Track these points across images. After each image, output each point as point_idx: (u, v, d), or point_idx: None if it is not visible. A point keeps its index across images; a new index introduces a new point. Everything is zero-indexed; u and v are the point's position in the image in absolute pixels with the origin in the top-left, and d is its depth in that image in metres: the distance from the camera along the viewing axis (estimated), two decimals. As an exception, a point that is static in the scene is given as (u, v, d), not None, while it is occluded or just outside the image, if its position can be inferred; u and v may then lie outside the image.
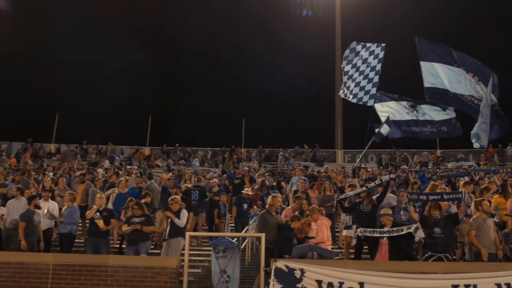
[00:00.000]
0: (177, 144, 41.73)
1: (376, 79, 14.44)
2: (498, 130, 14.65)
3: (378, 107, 16.83)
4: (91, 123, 50.07)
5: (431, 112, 15.98)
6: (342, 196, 13.37)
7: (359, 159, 19.42)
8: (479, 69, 14.70)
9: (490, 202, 11.73)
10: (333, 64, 45.58)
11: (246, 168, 28.83)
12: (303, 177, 18.98)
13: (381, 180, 13.30)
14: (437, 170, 23.29)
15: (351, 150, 40.37)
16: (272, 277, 9.60)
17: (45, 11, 54.46)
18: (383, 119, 16.35)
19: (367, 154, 37.83)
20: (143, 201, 14.39)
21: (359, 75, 14.91)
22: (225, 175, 24.26)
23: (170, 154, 40.26)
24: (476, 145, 14.78)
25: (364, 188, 13.15)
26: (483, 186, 12.86)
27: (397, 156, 36.68)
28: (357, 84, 14.79)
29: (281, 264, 9.68)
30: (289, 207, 14.20)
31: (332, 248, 12.44)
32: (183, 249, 10.86)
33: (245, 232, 14.91)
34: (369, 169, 23.98)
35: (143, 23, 56.98)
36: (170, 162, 35.06)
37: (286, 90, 55.23)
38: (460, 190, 13.29)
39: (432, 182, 14.44)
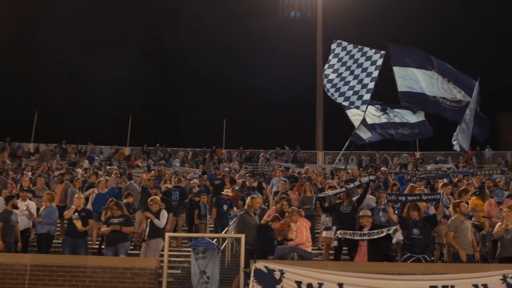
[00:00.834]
0: (157, 145, 41.59)
1: (371, 85, 14.42)
2: (479, 132, 14.83)
3: (349, 112, 17.01)
4: (71, 122, 49.73)
5: (401, 115, 16.16)
6: (321, 195, 13.42)
7: (337, 159, 19.52)
8: (457, 76, 14.86)
9: (468, 204, 11.87)
10: (314, 66, 45.77)
11: (226, 169, 28.81)
12: (283, 178, 19.01)
13: (360, 181, 13.38)
14: (417, 172, 23.46)
15: (331, 151, 40.55)
16: (252, 278, 9.59)
17: (26, 11, 53.95)
18: (356, 123, 16.50)
19: (347, 156, 38.14)
20: (125, 201, 14.32)
21: (353, 78, 14.80)
22: (205, 175, 24.20)
23: (151, 154, 40.08)
24: (456, 147, 14.97)
25: (343, 189, 13.22)
26: (461, 188, 12.99)
27: (377, 158, 36.92)
28: (351, 88, 14.75)
29: (260, 265, 9.66)
30: (274, 207, 14.22)
31: (312, 249, 12.48)
32: (163, 250, 10.81)
33: (225, 233, 14.89)
34: (349, 171, 24.06)
35: (125, 23, 56.69)
36: (151, 162, 34.89)
37: (268, 92, 55.30)
38: (438, 191, 13.44)
39: (411, 184, 14.56)
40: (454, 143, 15.15)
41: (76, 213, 12.19)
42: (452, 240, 10.46)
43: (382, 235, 10.38)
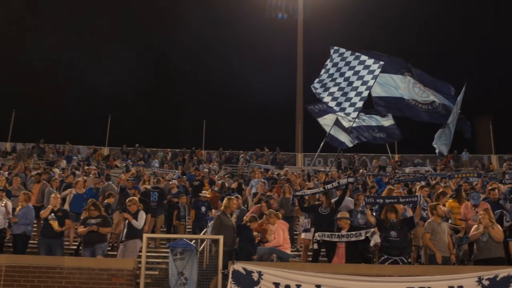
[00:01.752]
0: (136, 145, 41.33)
1: (365, 93, 14.38)
2: (463, 129, 14.97)
3: (321, 120, 17.10)
4: (49, 122, 49.20)
5: (375, 118, 16.28)
6: (299, 193, 13.46)
7: (314, 160, 19.55)
8: (432, 81, 15.00)
9: (445, 206, 11.99)
10: (295, 69, 45.93)
11: (206, 170, 28.74)
12: (262, 180, 19.02)
13: (338, 183, 13.45)
14: (395, 174, 23.66)
15: (311, 153, 40.70)
16: (230, 279, 9.59)
17: (6, 8, 53.27)
18: (327, 128, 16.59)
19: (326, 158, 38.32)
20: (105, 201, 14.23)
21: (348, 85, 14.71)
22: (184, 176, 24.11)
23: (130, 154, 39.83)
24: (437, 151, 15.12)
25: (321, 189, 13.27)
26: (439, 191, 13.11)
27: (356, 160, 37.11)
28: (344, 94, 14.68)
29: (239, 266, 9.67)
30: (258, 205, 14.27)
31: (291, 251, 12.52)
32: (140, 251, 10.75)
33: (204, 234, 14.84)
34: (328, 173, 24.17)
35: (106, 23, 56.31)
36: (129, 163, 34.65)
37: (248, 93, 55.33)
38: (416, 194, 13.56)
39: (389, 187, 14.66)
40: (434, 145, 15.28)
41: (53, 213, 12.06)
42: (429, 242, 10.56)
43: (361, 237, 10.43)
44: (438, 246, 10.45)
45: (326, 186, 13.44)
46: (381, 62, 14.61)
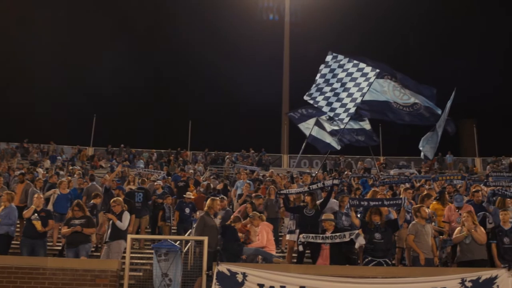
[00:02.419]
0: (122, 145, 41.13)
1: (359, 99, 14.40)
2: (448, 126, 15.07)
3: (301, 126, 17.13)
4: (33, 121, 48.81)
5: (352, 122, 16.36)
6: (283, 191, 13.46)
7: (297, 160, 19.58)
8: (414, 84, 15.09)
9: (428, 208, 12.06)
10: (281, 70, 45.98)
11: (191, 171, 28.67)
12: (248, 181, 19.01)
13: (323, 184, 13.49)
14: (380, 176, 23.75)
15: (296, 155, 40.71)
16: (214, 280, 9.58)
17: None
18: (307, 132, 16.65)
19: (312, 160, 38.42)
20: (91, 202, 14.13)
21: (343, 91, 14.67)
22: (170, 177, 24.02)
23: (115, 155, 39.64)
24: (422, 155, 15.20)
25: (306, 188, 13.30)
26: (424, 193, 13.18)
27: (341, 162, 37.23)
28: (339, 100, 14.68)
29: (223, 267, 9.66)
30: (244, 204, 14.27)
31: (276, 252, 12.52)
32: (125, 252, 10.70)
33: (188, 235, 14.78)
34: (313, 174, 24.21)
35: (91, 22, 56.06)
36: (114, 163, 34.48)
37: (234, 94, 55.36)
38: (400, 196, 13.63)
39: (373, 189, 14.71)
40: (421, 148, 15.37)
41: (36, 214, 11.96)
42: (412, 243, 10.62)
43: (345, 239, 10.47)
44: (421, 248, 10.53)
45: (311, 186, 13.47)
46: (377, 70, 14.65)
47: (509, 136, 47.28)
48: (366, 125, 17.03)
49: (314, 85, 15.17)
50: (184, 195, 16.59)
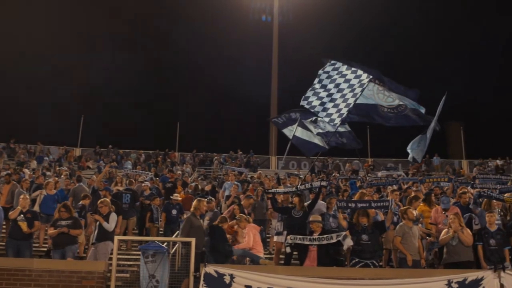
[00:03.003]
0: (110, 146, 40.94)
1: (352, 103, 14.49)
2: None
3: (285, 131, 17.18)
4: (20, 121, 48.49)
5: (328, 126, 16.44)
6: (271, 190, 13.47)
7: (283, 161, 19.52)
8: (397, 86, 15.18)
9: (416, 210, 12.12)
10: (269, 71, 46.00)
11: (179, 172, 28.60)
12: (236, 182, 19.00)
13: (311, 185, 13.51)
14: (367, 178, 23.86)
15: (285, 156, 40.79)
16: (202, 282, 9.57)
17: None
18: (290, 134, 16.73)
19: (300, 161, 38.48)
20: (80, 203, 14.04)
21: (340, 97, 14.73)
22: (158, 178, 23.96)
23: (103, 155, 39.46)
24: (410, 157, 15.28)
25: (293, 188, 13.31)
26: (412, 195, 13.23)
27: (329, 163, 37.32)
28: (336, 106, 14.75)
29: (210, 269, 9.66)
30: (233, 205, 14.26)
31: (264, 254, 12.54)
32: (112, 253, 10.64)
33: (175, 237, 14.74)
34: (301, 176, 24.24)
35: (76, 22, 55.80)
36: (101, 164, 34.33)
37: (222, 95, 55.32)
38: (387, 197, 13.69)
39: (361, 190, 14.76)
40: (409, 151, 15.44)
41: (22, 215, 11.88)
42: (399, 245, 10.67)
43: (332, 241, 10.49)
44: (408, 250, 10.59)
45: (298, 187, 13.50)
46: (371, 76, 14.73)
47: (495, 138, 47.76)
48: (343, 128, 17.11)
49: (310, 89, 15.19)
50: (171, 197, 16.52)
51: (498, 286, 9.42)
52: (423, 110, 14.67)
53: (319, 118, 15.85)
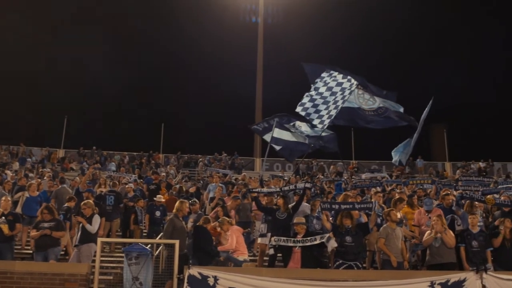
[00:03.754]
0: (94, 147, 40.63)
1: (339, 107, 14.56)
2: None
3: (266, 137, 17.26)
4: (2, 122, 48.01)
5: (306, 129, 16.53)
6: (255, 190, 13.47)
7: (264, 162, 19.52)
8: (376, 88, 15.31)
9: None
10: (254, 73, 46.01)
11: (164, 174, 28.51)
12: (220, 184, 18.98)
13: (295, 187, 13.54)
14: (352, 180, 23.94)
15: (269, 158, 40.80)
16: (185, 284, 9.52)
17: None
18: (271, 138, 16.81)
19: (284, 163, 38.50)
20: (66, 205, 13.93)
21: (333, 103, 14.82)
22: (141, 180, 23.86)
23: (86, 157, 39.18)
24: (396, 160, 15.39)
25: (277, 189, 13.31)
26: (396, 197, 13.30)
27: (313, 165, 37.38)
28: (327, 108, 14.82)
29: (194, 271, 9.61)
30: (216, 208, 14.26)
31: (248, 256, 12.53)
32: (95, 255, 10.57)
33: (159, 239, 14.68)
34: (285, 178, 24.30)
35: (59, 21, 55.38)
36: (85, 165, 34.12)
37: (206, 96, 55.27)
38: (371, 199, 13.75)
39: (344, 193, 14.82)
40: (393, 154, 15.55)
41: (3, 217, 11.75)
42: (383, 246, 10.73)
43: (315, 242, 10.51)
44: (391, 251, 10.66)
45: (282, 188, 13.52)
46: (357, 82, 14.83)
47: (478, 141, 48.20)
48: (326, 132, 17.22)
49: (306, 95, 15.23)
50: (155, 198, 16.46)
51: (480, 287, 9.50)
52: (401, 109, 14.83)
53: (306, 124, 15.96)
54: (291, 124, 16.03)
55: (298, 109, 15.15)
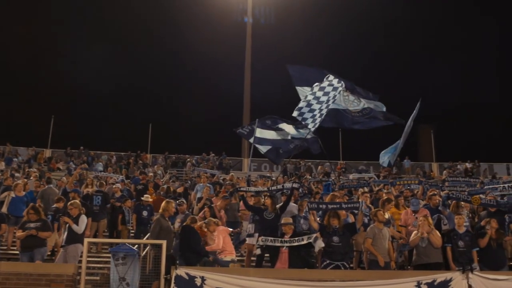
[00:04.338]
0: (81, 147, 40.40)
1: (328, 107, 14.61)
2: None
3: (251, 140, 17.31)
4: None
5: (291, 130, 16.60)
6: (242, 189, 13.46)
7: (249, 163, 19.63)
8: (360, 90, 15.41)
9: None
10: (242, 74, 45.99)
11: (151, 174, 28.41)
12: (208, 184, 18.95)
13: (283, 186, 13.55)
14: (339, 180, 23.98)
15: (257, 159, 40.80)
16: (172, 284, 9.50)
17: None
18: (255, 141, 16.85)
19: (272, 164, 38.49)
20: (54, 205, 13.83)
21: (325, 101, 14.90)
22: (129, 180, 23.77)
23: (73, 157, 38.95)
24: (385, 162, 15.48)
25: (265, 188, 13.32)
26: (384, 198, 13.36)
27: (301, 166, 37.44)
28: (320, 109, 14.89)
29: (181, 271, 9.59)
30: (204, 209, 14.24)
31: (236, 256, 12.53)
32: (82, 256, 10.51)
33: (146, 239, 14.62)
34: (273, 178, 24.33)
35: (47, 20, 55.03)
36: (71, 165, 33.92)
37: (194, 97, 55.17)
38: (358, 199, 13.80)
39: (332, 193, 14.85)
40: (381, 155, 15.63)
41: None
42: (370, 247, 10.77)
43: (302, 242, 10.53)
44: (378, 251, 10.69)
45: (270, 187, 13.54)
46: (343, 83, 14.91)
47: (465, 142, 48.54)
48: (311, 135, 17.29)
49: (303, 101, 15.27)
50: (142, 198, 16.40)
51: (466, 287, 9.56)
52: (384, 109, 14.95)
53: (292, 126, 16.04)
54: (277, 125, 16.09)
55: (295, 113, 15.21)
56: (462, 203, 12.66)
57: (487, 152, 42.27)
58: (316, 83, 15.24)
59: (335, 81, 15.09)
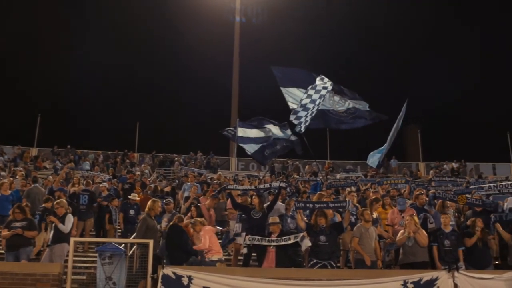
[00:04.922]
0: (68, 146, 40.15)
1: (318, 107, 14.68)
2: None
3: (241, 132, 17.35)
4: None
5: (276, 131, 16.67)
6: (230, 187, 13.46)
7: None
8: (346, 90, 15.50)
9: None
10: (230, 72, 45.97)
11: (138, 173, 28.32)
12: (195, 183, 18.92)
13: (270, 185, 13.57)
14: (327, 180, 24.05)
15: (244, 158, 40.78)
16: (159, 284, 9.48)
17: None
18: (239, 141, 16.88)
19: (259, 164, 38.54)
20: (43, 205, 13.73)
21: (317, 102, 14.96)
22: (116, 179, 23.65)
23: (60, 156, 38.70)
24: (374, 163, 15.55)
25: (252, 187, 13.33)
26: (372, 197, 13.40)
27: (289, 165, 37.49)
28: (312, 110, 14.94)
29: (168, 271, 9.58)
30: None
31: (223, 255, 12.51)
32: (68, 255, 10.45)
33: (133, 238, 14.56)
34: (261, 177, 24.34)
35: (34, 21, 54.66)
36: (58, 164, 33.70)
37: (182, 95, 55.04)
38: (345, 199, 13.84)
39: (319, 192, 14.89)
40: (370, 155, 15.71)
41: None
42: (357, 246, 10.80)
43: (289, 241, 10.55)
44: (365, 251, 10.72)
45: (257, 186, 13.55)
46: (331, 83, 14.99)
47: (451, 142, 48.87)
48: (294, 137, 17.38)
49: (300, 105, 15.27)
50: (129, 197, 16.32)
51: (452, 285, 9.65)
52: (367, 107, 15.05)
53: (278, 128, 16.11)
54: (263, 126, 16.14)
55: (292, 117, 15.24)
56: (448, 202, 12.77)
57: (474, 152, 42.57)
58: (311, 85, 15.29)
59: (326, 80, 15.16)
